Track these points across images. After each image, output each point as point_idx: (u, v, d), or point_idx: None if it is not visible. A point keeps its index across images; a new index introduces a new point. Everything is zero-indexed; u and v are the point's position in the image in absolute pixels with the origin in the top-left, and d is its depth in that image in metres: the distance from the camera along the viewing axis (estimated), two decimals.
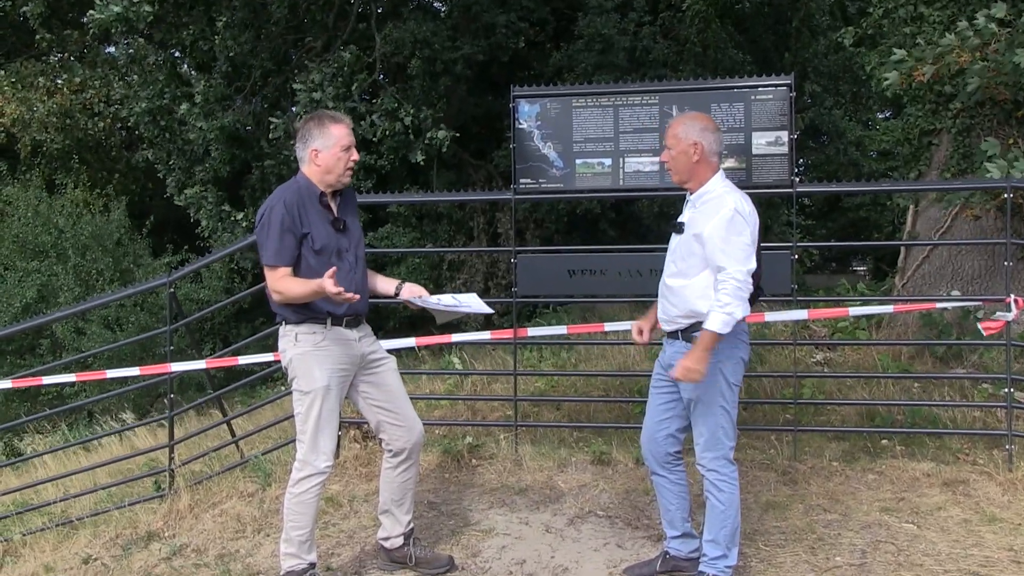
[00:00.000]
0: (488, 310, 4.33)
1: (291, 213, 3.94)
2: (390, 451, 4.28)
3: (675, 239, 3.95)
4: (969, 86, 6.11)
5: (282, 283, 3.94)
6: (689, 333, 3.84)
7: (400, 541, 4.36)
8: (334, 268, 3.79)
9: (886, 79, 6.12)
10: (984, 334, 5.48)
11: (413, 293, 4.22)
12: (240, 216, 12.35)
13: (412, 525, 4.40)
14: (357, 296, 3.86)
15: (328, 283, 3.70)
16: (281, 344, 4.11)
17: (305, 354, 4.01)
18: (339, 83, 11.47)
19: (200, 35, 12.39)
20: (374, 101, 11.95)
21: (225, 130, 12.04)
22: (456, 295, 4.30)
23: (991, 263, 7.84)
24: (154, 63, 13.10)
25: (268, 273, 3.98)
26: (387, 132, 11.49)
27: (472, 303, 4.28)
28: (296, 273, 3.98)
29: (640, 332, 4.16)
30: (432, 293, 4.26)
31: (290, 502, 4.06)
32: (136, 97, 12.74)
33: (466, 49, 12.45)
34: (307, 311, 4.01)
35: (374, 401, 4.21)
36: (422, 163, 11.89)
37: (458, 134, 12.10)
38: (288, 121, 11.54)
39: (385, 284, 4.33)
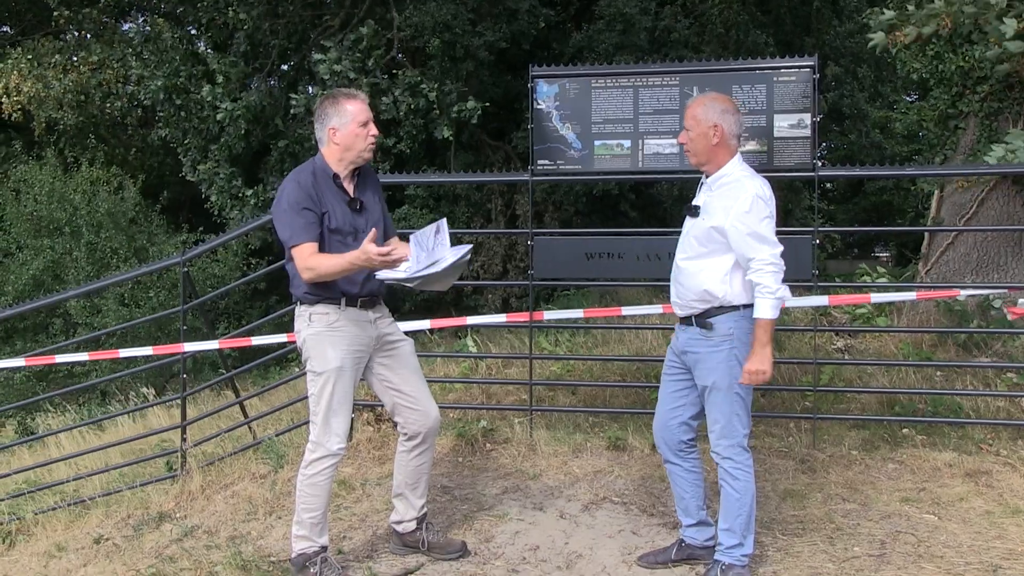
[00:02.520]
0: (455, 257, 3.82)
1: (307, 191, 3.89)
2: (405, 435, 4.23)
3: (689, 222, 3.88)
4: (990, 51, 6.02)
5: (313, 259, 3.85)
6: (704, 319, 3.77)
7: (413, 525, 4.32)
8: (374, 231, 3.73)
9: (871, 39, 6.05)
10: (1010, 318, 5.39)
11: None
12: (250, 193, 12.29)
13: (425, 509, 4.36)
14: (406, 255, 3.79)
15: (370, 246, 3.64)
16: (296, 324, 4.08)
17: (319, 334, 3.97)
18: (356, 57, 11.38)
19: (214, 8, 12.31)
20: (395, 76, 11.85)
21: (251, 109, 11.99)
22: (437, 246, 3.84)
23: (1017, 250, 7.72)
24: (170, 42, 13.04)
25: (295, 252, 3.89)
26: (411, 107, 11.40)
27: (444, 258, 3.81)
28: None
29: None
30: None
31: (302, 484, 4.03)
32: (152, 76, 12.70)
33: (488, 36, 12.33)
34: (322, 291, 3.96)
35: (390, 383, 4.16)
36: (450, 138, 11.79)
37: (487, 104, 12.00)
38: (309, 99, 11.47)
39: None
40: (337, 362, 3.95)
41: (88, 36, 16.39)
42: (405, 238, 3.99)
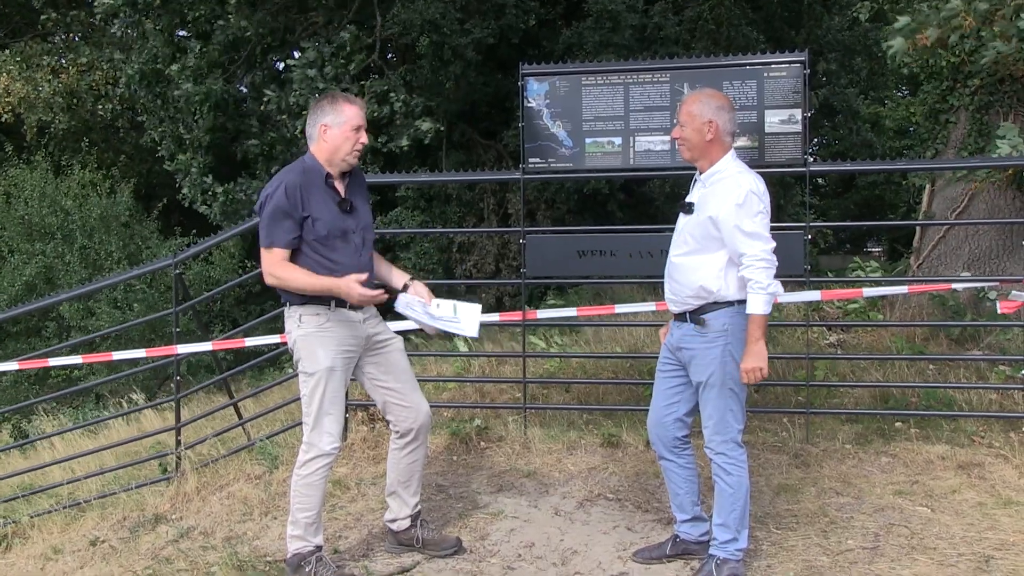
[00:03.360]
0: (475, 334, 4.26)
1: (291, 196, 3.90)
2: (397, 432, 4.25)
3: (683, 218, 3.88)
4: (984, 58, 6.01)
5: (280, 268, 3.92)
6: (698, 315, 3.77)
7: (407, 523, 4.33)
8: (365, 276, 3.85)
9: (891, 47, 6.04)
10: (1000, 311, 5.40)
11: (419, 292, 4.17)
12: (220, 191, 12.28)
13: (419, 507, 4.38)
14: (385, 296, 3.85)
15: (355, 286, 3.77)
16: (287, 325, 4.10)
17: (309, 335, 3.98)
18: (337, 63, 11.38)
19: (208, 15, 12.29)
20: (363, 83, 11.83)
21: (212, 96, 11.93)
22: (459, 304, 4.20)
23: (1008, 243, 7.74)
24: (151, 30, 13.01)
25: (264, 255, 3.95)
26: (374, 114, 11.43)
27: (466, 320, 4.17)
28: (296, 255, 3.95)
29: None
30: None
31: (297, 484, 4.04)
32: (129, 61, 12.69)
33: (476, 32, 12.31)
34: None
35: (380, 382, 4.18)
36: (405, 149, 11.83)
37: (442, 128, 12.04)
38: (284, 96, 11.45)
39: (399, 277, 4.29)
40: (327, 362, 3.97)
41: (76, 38, 16.35)
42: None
